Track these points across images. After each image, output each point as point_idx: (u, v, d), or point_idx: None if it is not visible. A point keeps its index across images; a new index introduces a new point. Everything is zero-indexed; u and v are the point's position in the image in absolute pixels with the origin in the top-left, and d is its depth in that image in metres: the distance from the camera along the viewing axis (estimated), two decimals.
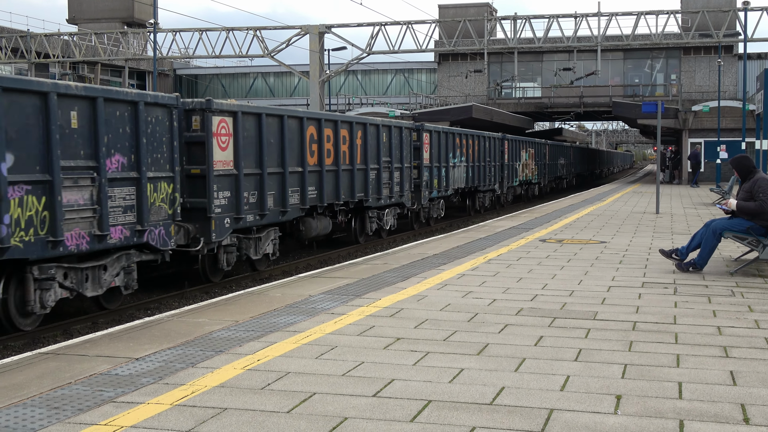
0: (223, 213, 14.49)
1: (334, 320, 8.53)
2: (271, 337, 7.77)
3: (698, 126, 48.72)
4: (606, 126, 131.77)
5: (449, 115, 48.05)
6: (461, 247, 15.43)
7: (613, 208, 26.80)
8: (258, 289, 10.83)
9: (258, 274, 17.70)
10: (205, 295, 15.17)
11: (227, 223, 14.64)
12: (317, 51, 47.90)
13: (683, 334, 7.86)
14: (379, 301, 9.61)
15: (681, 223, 21.04)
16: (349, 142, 19.66)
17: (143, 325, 8.51)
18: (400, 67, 68.78)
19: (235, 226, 14.96)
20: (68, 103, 10.97)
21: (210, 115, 14.07)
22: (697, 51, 60.38)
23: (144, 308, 13.99)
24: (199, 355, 7.06)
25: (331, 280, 11.37)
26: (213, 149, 14.10)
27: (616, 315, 8.78)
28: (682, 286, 10.73)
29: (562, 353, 7.09)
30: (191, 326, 8.33)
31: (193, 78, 73.58)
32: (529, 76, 64.91)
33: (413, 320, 8.51)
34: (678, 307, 9.27)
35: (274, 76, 72.71)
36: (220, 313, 9.08)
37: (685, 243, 14.70)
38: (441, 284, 10.89)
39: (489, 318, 8.62)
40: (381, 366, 6.68)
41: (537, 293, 10.17)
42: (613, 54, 61.61)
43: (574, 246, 15.59)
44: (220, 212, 14.40)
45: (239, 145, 14.84)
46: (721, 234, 11.81)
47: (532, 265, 12.76)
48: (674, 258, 12.17)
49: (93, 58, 57.20)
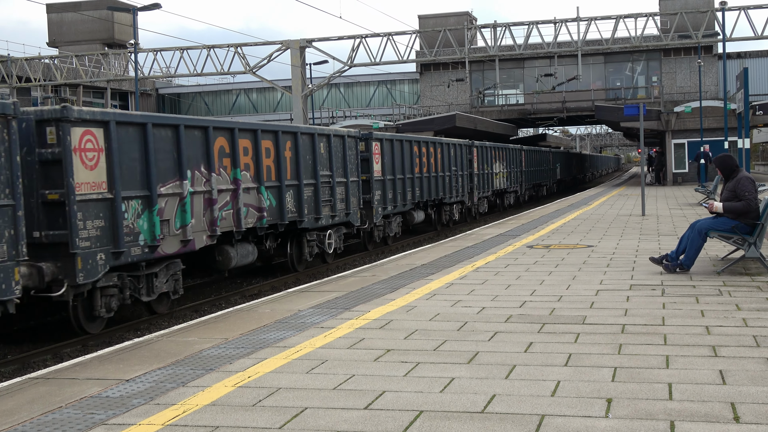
0: (93, 247, 11.78)
1: (324, 334, 8.53)
2: (261, 353, 7.77)
3: (681, 127, 48.96)
4: (590, 130, 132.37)
5: (433, 124, 48.13)
6: (449, 256, 15.44)
7: (599, 211, 26.88)
8: (247, 306, 10.82)
9: (247, 290, 17.65)
10: (195, 314, 15.14)
11: (101, 259, 11.95)
12: (299, 65, 47.97)
13: (672, 335, 7.90)
14: (368, 314, 9.61)
15: (667, 224, 21.12)
16: (274, 154, 17.01)
17: (133, 346, 8.49)
18: (382, 78, 68.95)
19: (114, 262, 12.23)
20: None
21: (68, 126, 11.48)
22: (677, 52, 60.71)
23: (133, 329, 13.95)
24: (190, 374, 7.04)
25: (320, 294, 11.37)
26: (75, 168, 11.51)
27: (605, 318, 8.81)
28: (669, 287, 10.77)
29: (552, 359, 7.11)
30: (181, 345, 8.32)
31: (175, 97, 73.53)
32: (511, 83, 65.11)
33: (403, 331, 8.52)
34: (666, 308, 9.31)
35: (256, 92, 72.75)
36: (209, 331, 9.06)
37: (672, 246, 14.76)
38: (430, 294, 10.90)
39: (478, 326, 8.63)
40: (372, 378, 6.69)
41: (526, 300, 10.19)
42: (593, 58, 61.87)
43: (562, 251, 15.62)
44: (89, 246, 11.70)
45: (114, 161, 12.17)
46: (707, 234, 11.85)
47: (520, 272, 12.79)
48: (665, 264, 12.16)
49: (75, 81, 57.11)
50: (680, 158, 49.85)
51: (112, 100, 67.23)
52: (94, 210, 11.87)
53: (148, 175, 12.96)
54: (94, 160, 11.97)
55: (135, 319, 14.41)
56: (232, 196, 15.36)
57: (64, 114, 11.41)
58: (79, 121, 11.69)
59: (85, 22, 67.35)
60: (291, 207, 17.75)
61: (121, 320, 14.29)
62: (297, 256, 19.16)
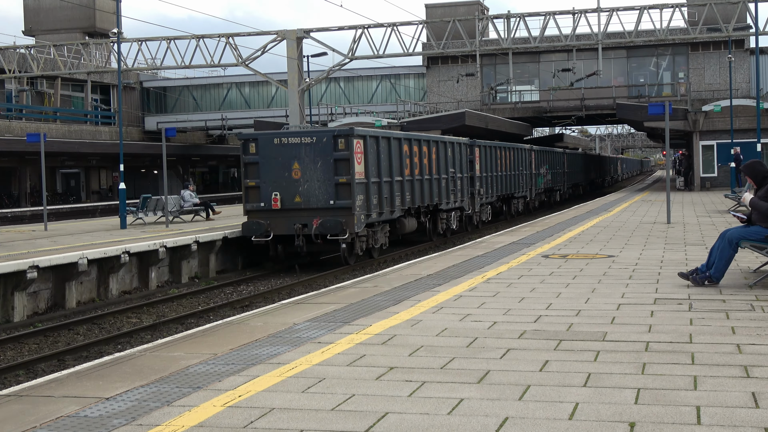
0: (360, 211, 22.60)
1: (322, 350, 8.52)
2: (252, 370, 7.75)
3: (710, 127, 48.94)
4: (611, 130, 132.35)
5: (440, 123, 48.13)
6: (457, 266, 15.43)
7: (620, 218, 26.86)
8: (238, 319, 10.80)
9: (237, 302, 17.72)
10: (180, 326, 15.13)
11: (363, 218, 22.81)
12: (295, 58, 47.97)
13: (700, 353, 7.87)
14: (369, 328, 9.60)
15: (695, 233, 21.10)
16: (427, 156, 27.67)
17: (113, 361, 8.47)
18: (385, 72, 68.90)
19: (366, 221, 23.02)
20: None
21: (352, 139, 22.30)
22: (705, 46, 60.68)
23: (114, 342, 13.95)
24: (175, 393, 7.03)
25: (317, 306, 11.35)
26: (354, 164, 22.47)
27: (627, 335, 8.79)
28: (697, 301, 10.74)
29: (569, 378, 7.09)
30: (165, 361, 8.30)
31: (161, 91, 73.59)
32: (526, 78, 65.11)
33: (407, 347, 8.50)
34: (694, 324, 9.29)
35: (249, 86, 72.77)
36: (196, 345, 9.05)
37: (700, 257, 14.73)
38: (436, 307, 10.88)
39: (489, 342, 8.62)
40: (373, 398, 6.67)
41: (541, 314, 10.17)
42: (615, 52, 61.86)
43: (580, 261, 15.61)
44: (359, 210, 22.51)
45: (368, 160, 23.11)
46: (738, 243, 11.81)
47: (535, 284, 12.77)
48: (693, 276, 12.05)
49: (53, 72, 57.13)
50: (708, 161, 49.82)
51: (93, 94, 67.34)
52: (360, 189, 22.76)
53: (378, 169, 23.89)
54: (360, 159, 22.81)
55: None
56: (410, 184, 26.30)
57: (350, 132, 22.61)
58: (356, 136, 22.64)
59: (65, 9, 67.43)
60: (434, 193, 28.41)
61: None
62: (432, 229, 29.35)
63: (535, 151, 45.15)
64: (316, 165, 22.70)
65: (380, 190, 24.05)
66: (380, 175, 24.07)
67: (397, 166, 25.28)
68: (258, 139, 23.44)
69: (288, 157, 22.85)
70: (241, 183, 23.95)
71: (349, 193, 22.48)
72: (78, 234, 26.32)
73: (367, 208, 23.28)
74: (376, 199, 23.81)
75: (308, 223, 22.59)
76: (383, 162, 24.29)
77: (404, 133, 28.23)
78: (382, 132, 25.39)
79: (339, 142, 22.50)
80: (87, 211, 49.25)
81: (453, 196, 30.46)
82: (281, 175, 22.93)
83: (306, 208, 22.81)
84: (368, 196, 23.29)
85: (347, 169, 22.50)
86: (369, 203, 23.31)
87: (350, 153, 22.49)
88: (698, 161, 50.01)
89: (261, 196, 23.13)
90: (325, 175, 22.64)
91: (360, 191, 22.91)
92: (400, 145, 25.59)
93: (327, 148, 22.60)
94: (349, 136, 22.58)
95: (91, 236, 25.03)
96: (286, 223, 22.83)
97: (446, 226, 30.34)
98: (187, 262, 22.95)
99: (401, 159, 25.58)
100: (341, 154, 22.51)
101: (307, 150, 22.75)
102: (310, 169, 22.74)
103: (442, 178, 29.20)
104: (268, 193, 23.05)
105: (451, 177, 30.24)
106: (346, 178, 22.44)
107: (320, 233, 22.46)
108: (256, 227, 23.00)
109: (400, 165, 25.45)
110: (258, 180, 23.16)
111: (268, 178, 23.07)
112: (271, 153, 22.99)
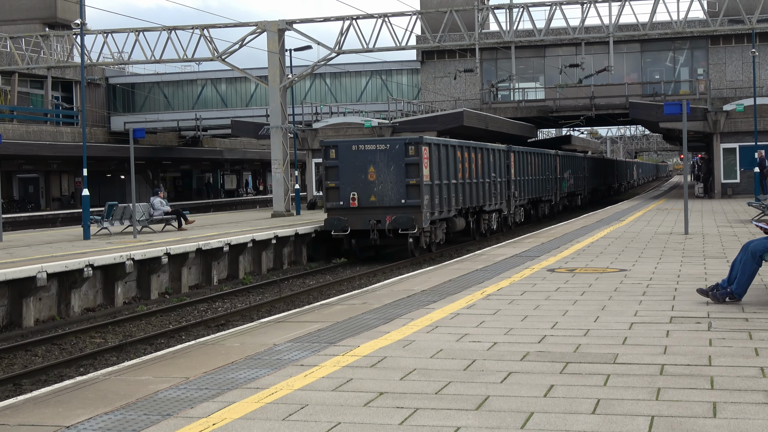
0: (426, 209, 28.45)
1: (304, 373, 8.51)
2: (228, 395, 7.74)
3: (732, 128, 49.06)
4: (623, 131, 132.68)
5: (436, 123, 48.20)
6: (454, 281, 15.45)
7: (633, 228, 26.93)
8: (212, 339, 10.80)
9: (212, 320, 17.75)
10: (149, 347, 15.11)
11: (429, 215, 28.73)
12: (276, 52, 47.97)
13: (720, 377, 7.89)
14: (357, 349, 9.60)
15: (715, 245, 21.15)
16: (474, 161, 33.56)
17: (75, 385, 8.46)
18: (376, 68, 68.99)
19: (431, 218, 28.88)
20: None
21: (421, 146, 28.26)
22: (727, 40, 60.89)
23: (75, 365, 13.93)
24: (143, 421, 7.01)
25: (300, 325, 11.35)
26: (422, 167, 28.39)
27: (640, 357, 8.80)
28: (717, 320, 10.77)
29: (576, 405, 7.10)
30: (132, 385, 8.29)
31: (129, 88, 73.54)
32: (530, 75, 65.23)
33: (399, 370, 8.51)
34: (713, 345, 9.31)
35: (226, 83, 72.76)
36: (166, 368, 9.04)
37: (721, 271, 14.75)
38: (431, 326, 10.89)
39: (489, 365, 8.62)
40: (361, 427, 6.67)
41: (546, 334, 10.19)
42: (628, 46, 62.05)
43: (589, 276, 15.63)
44: (426, 208, 28.41)
45: (432, 164, 29.12)
46: (762, 257, 11.84)
47: (539, 300, 12.79)
48: (713, 293, 12.07)
49: (9, 67, 57.03)
50: (730, 166, 49.89)
51: (54, 91, 67.23)
52: (427, 190, 28.48)
53: (440, 173, 29.86)
54: (427, 164, 28.52)
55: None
56: (461, 187, 32.24)
57: (419, 140, 28.38)
58: (424, 143, 28.41)
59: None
60: (480, 195, 34.43)
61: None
62: (476, 229, 35.04)
63: (560, 156, 50.79)
64: (390, 169, 28.64)
65: (440, 191, 30.16)
66: (441, 178, 30.17)
67: (453, 171, 31.45)
68: (338, 145, 29.56)
69: (364, 161, 28.72)
70: (322, 184, 30.08)
71: (418, 193, 28.42)
72: (37, 245, 26.29)
73: (432, 207, 29.36)
74: (438, 200, 29.87)
75: (381, 219, 28.44)
76: (443, 167, 30.47)
77: (458, 140, 33.48)
78: (442, 140, 31.61)
79: (410, 149, 28.44)
80: (47, 220, 49.21)
81: (494, 199, 36.69)
82: (358, 177, 28.78)
83: (380, 206, 28.69)
84: (432, 197, 29.36)
85: (417, 172, 28.46)
86: (433, 203, 29.43)
87: (419, 158, 28.43)
88: (719, 166, 50.12)
89: (340, 195, 28.98)
90: (398, 178, 28.57)
91: (427, 192, 28.84)
92: (455, 152, 31.92)
93: (399, 154, 28.55)
94: (419, 143, 28.56)
95: (51, 248, 25.00)
96: (362, 220, 28.68)
97: (488, 227, 36.52)
98: (157, 277, 22.96)
99: (455, 164, 31.78)
100: (412, 159, 28.45)
101: (381, 155, 28.68)
102: (384, 172, 28.67)
103: (486, 181, 35.48)
104: (346, 193, 28.87)
105: (493, 181, 36.35)
106: (415, 180, 28.40)
107: (393, 228, 28.29)
108: (337, 223, 28.91)
109: (455, 169, 31.67)
110: (337, 181, 28.98)
111: (346, 179, 28.88)
112: (350, 158, 28.87)
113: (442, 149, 30.39)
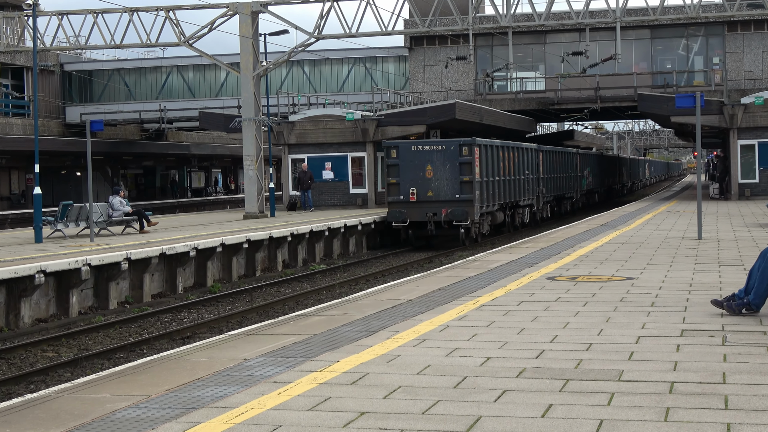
0: (477, 203, 34.99)
1: (278, 391, 8.51)
2: (193, 415, 7.74)
3: (750, 123, 49.16)
4: (631, 126, 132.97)
5: (425, 116, 48.23)
6: (444, 290, 15.46)
7: (641, 233, 26.99)
8: (177, 353, 10.78)
9: (177, 332, 17.73)
10: (107, 362, 15.09)
11: (479, 209, 35.25)
12: (249, 37, 47.92)
13: (735, 396, 7.92)
14: (336, 364, 9.60)
15: (731, 251, 21.21)
16: (509, 160, 39.77)
17: (24, 404, 8.44)
18: (359, 55, 68.89)
19: (481, 211, 35.64)
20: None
21: (473, 147, 34.83)
22: (745, 26, 61.04)
23: (25, 381, 13.89)
24: None
25: (274, 338, 11.35)
26: (474, 165, 34.87)
27: (648, 374, 8.83)
28: (732, 333, 10.80)
29: (578, 426, 7.12)
30: (88, 404, 8.27)
31: (86, 75, 73.34)
32: (529, 63, 65.32)
33: (382, 388, 8.51)
34: (728, 361, 9.34)
35: (193, 71, 72.61)
36: (126, 385, 9.02)
37: (737, 280, 14.78)
38: (418, 339, 10.90)
39: (482, 382, 8.64)
40: None
41: (544, 348, 10.21)
42: (636, 32, 62.18)
43: (592, 284, 15.66)
44: (477, 202, 35.02)
45: (481, 163, 35.74)
46: None
47: (538, 312, 12.81)
48: (728, 304, 12.10)
49: None
50: (749, 164, 49.95)
51: (3, 78, 67.01)
52: (478, 186, 35.36)
53: (487, 171, 36.64)
54: (478, 163, 35.44)
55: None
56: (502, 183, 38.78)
57: (472, 141, 35.47)
58: (476, 144, 35.43)
59: None
60: (516, 191, 40.98)
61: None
62: (511, 222, 41.79)
63: (580, 154, 58.29)
64: (445, 167, 35.11)
65: (487, 187, 36.91)
66: (487, 176, 36.95)
67: (496, 169, 38.24)
68: (399, 146, 36.32)
69: (423, 160, 35.18)
70: (384, 180, 38.77)
71: (470, 189, 35.07)
72: None
73: (481, 201, 36.02)
74: (485, 195, 36.64)
75: (437, 212, 34.86)
76: (489, 165, 37.21)
77: (500, 141, 40.59)
78: (489, 141, 38.54)
79: (464, 149, 35.15)
80: None
81: (527, 195, 43.73)
82: (417, 174, 35.26)
83: (436, 201, 35.12)
84: (481, 192, 36.07)
85: (470, 170, 35.14)
86: (482, 197, 36.17)
87: (472, 158, 35.16)
88: (736, 164, 50.22)
89: (400, 190, 35.48)
90: (452, 175, 35.16)
91: (477, 188, 35.45)
92: (498, 152, 38.86)
93: (454, 153, 35.22)
94: (472, 145, 35.29)
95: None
96: (420, 212, 35.22)
97: (521, 220, 43.59)
98: (117, 284, 22.91)
99: (498, 162, 38.50)
100: (465, 158, 35.14)
101: (438, 155, 35.19)
102: (440, 170, 35.13)
103: (520, 178, 42.40)
104: (406, 189, 35.35)
105: (526, 178, 43.27)
106: (469, 177, 35.06)
107: (448, 220, 34.89)
108: (398, 215, 35.50)
109: (497, 167, 38.42)
110: (398, 178, 35.58)
111: (406, 176, 35.39)
112: (409, 157, 35.38)
113: (489, 149, 37.41)
